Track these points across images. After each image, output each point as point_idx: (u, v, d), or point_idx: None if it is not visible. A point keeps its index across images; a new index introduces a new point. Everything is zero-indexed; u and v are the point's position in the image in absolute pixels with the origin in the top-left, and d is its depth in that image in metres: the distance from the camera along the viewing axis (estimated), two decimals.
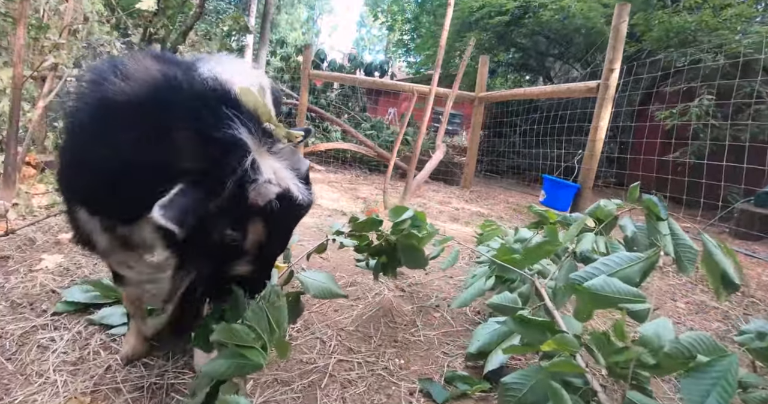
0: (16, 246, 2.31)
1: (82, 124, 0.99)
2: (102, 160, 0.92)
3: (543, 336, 1.10)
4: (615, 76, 4.48)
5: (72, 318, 1.55)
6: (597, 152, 4.59)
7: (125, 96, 0.92)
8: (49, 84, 3.66)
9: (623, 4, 4.47)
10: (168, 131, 0.87)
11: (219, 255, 0.95)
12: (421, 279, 2.19)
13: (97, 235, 1.05)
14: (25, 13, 3.02)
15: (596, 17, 7.91)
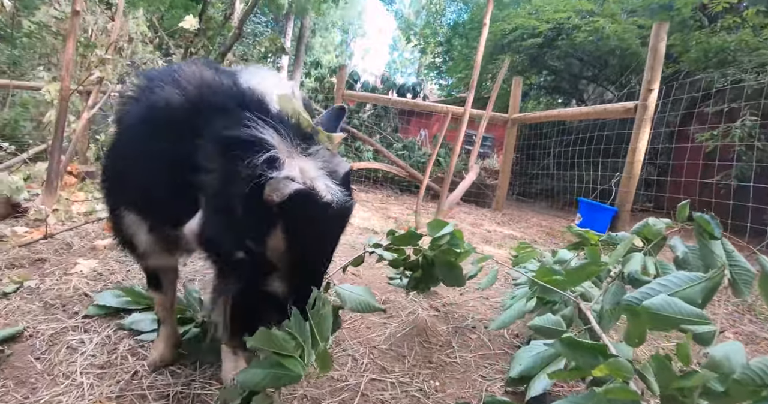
0: (54, 249, 2.35)
1: (134, 125, 1.03)
2: (149, 161, 0.96)
3: (594, 361, 1.00)
4: (654, 97, 4.35)
5: (102, 322, 1.54)
6: (635, 174, 4.44)
7: (174, 98, 0.95)
8: (93, 97, 3.81)
9: (661, 23, 4.38)
10: (198, 132, 0.87)
11: (248, 270, 0.88)
12: (456, 300, 2.10)
13: (141, 237, 1.08)
14: (75, 28, 3.16)
15: (631, 38, 7.78)
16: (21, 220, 2.87)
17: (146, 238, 1.09)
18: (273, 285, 0.90)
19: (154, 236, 1.08)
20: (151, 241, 1.10)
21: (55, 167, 3.07)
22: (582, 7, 8.46)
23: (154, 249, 1.12)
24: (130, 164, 1.04)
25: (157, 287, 1.32)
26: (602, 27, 7.81)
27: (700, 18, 7.42)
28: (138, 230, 1.09)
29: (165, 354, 1.30)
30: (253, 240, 0.83)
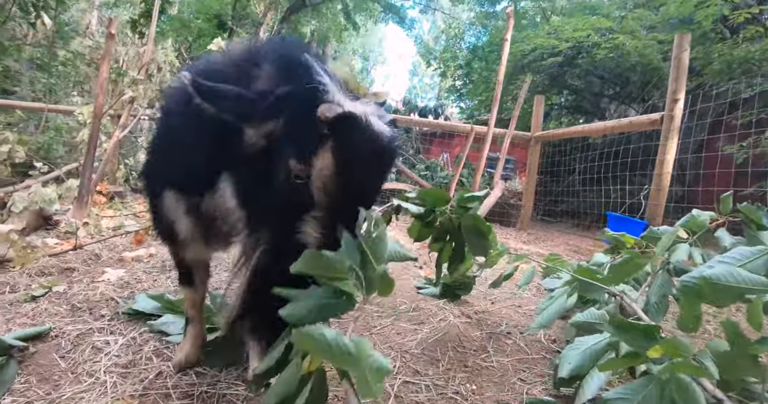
0: (82, 260, 2.37)
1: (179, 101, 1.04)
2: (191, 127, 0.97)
3: (647, 343, 0.94)
4: (680, 107, 4.25)
5: (128, 325, 1.52)
6: (664, 186, 4.31)
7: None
8: (125, 118, 3.93)
9: (683, 34, 4.32)
10: (258, 66, 0.91)
11: (288, 206, 0.83)
12: (488, 308, 2.02)
13: (180, 222, 1.11)
14: (110, 50, 3.29)
15: (652, 54, 7.70)
16: (52, 232, 2.92)
17: (185, 223, 1.12)
18: (306, 231, 0.84)
19: (192, 219, 1.11)
20: (190, 226, 1.12)
21: (86, 183, 3.14)
22: (601, 25, 8.45)
23: (193, 236, 1.14)
24: (175, 138, 1.08)
25: (189, 283, 1.31)
26: (622, 44, 7.77)
27: (722, 30, 7.33)
28: (178, 213, 1.11)
29: (191, 355, 1.26)
30: (301, 161, 0.80)
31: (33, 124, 8.30)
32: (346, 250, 0.80)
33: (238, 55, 1.00)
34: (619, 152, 6.77)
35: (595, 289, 1.50)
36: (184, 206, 1.10)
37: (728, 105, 6.25)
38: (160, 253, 2.61)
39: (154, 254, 2.59)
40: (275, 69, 0.88)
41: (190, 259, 1.28)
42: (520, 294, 2.28)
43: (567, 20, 9.38)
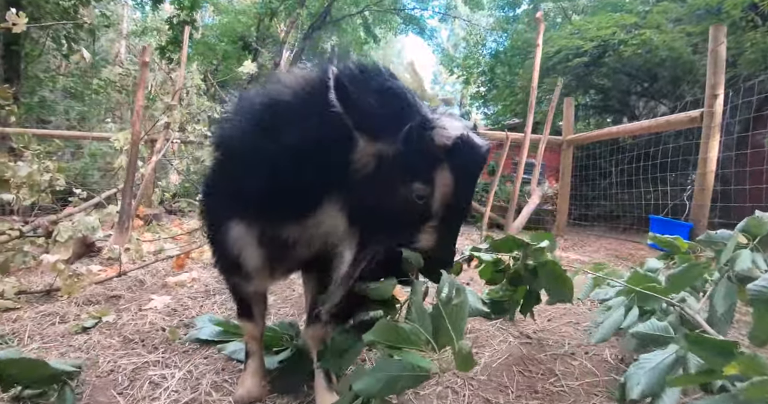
0: (127, 286, 2.37)
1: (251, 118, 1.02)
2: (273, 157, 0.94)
3: (723, 359, 0.87)
4: (719, 102, 4.06)
5: (183, 357, 1.48)
6: (708, 186, 4.09)
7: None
8: (160, 142, 3.99)
9: (718, 26, 4.13)
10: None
11: (405, 220, 0.89)
12: (546, 326, 1.92)
13: (250, 253, 1.06)
14: (145, 77, 3.35)
15: (682, 47, 7.46)
16: (95, 259, 2.96)
17: (255, 253, 1.06)
18: (421, 240, 0.91)
19: (263, 249, 1.05)
20: (261, 256, 1.07)
21: (127, 208, 3.18)
22: (626, 22, 8.25)
23: (261, 267, 1.09)
24: (248, 165, 1.00)
25: (249, 317, 1.27)
26: (650, 38, 7.56)
27: (753, 18, 7.03)
28: (246, 245, 1.06)
29: (252, 390, 1.21)
30: (424, 182, 0.87)
31: (69, 151, 8.59)
32: (419, 319, 0.77)
33: (309, 80, 0.96)
34: (651, 153, 6.55)
35: (653, 300, 1.45)
36: (257, 235, 1.04)
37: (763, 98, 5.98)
38: (203, 278, 2.61)
39: (196, 278, 2.59)
40: (378, 96, 0.88)
41: (251, 292, 1.24)
42: (575, 309, 2.17)
43: (590, 19, 9.20)
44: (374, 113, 0.84)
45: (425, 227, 0.91)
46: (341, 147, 0.87)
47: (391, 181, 0.88)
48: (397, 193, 0.88)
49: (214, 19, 13.91)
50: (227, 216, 1.08)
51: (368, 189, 0.88)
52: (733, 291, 1.37)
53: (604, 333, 1.37)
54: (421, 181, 0.87)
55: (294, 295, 2.29)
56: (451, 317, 0.79)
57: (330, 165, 0.89)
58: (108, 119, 9.90)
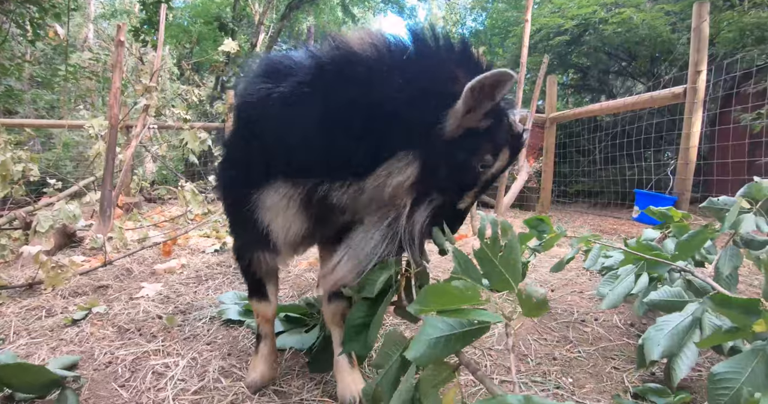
0: (114, 276, 2.28)
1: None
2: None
3: (749, 318, 0.89)
4: (702, 78, 4.11)
5: (184, 344, 1.42)
6: (692, 160, 4.17)
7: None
8: (140, 125, 3.82)
9: (702, 3, 4.16)
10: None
11: (462, 184, 0.99)
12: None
13: (286, 219, 1.01)
14: (121, 58, 3.18)
15: (662, 26, 7.51)
16: (77, 249, 2.83)
17: (293, 220, 1.01)
18: (465, 200, 1.02)
19: (304, 215, 1.01)
20: (298, 223, 1.02)
21: (108, 196, 3.05)
22: (606, 1, 8.25)
23: (295, 237, 1.04)
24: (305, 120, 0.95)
25: (263, 296, 1.21)
26: (629, 17, 7.57)
27: None
28: (282, 212, 1.01)
29: (266, 373, 1.16)
30: (494, 156, 0.98)
31: (39, 142, 8.24)
32: (464, 269, 0.70)
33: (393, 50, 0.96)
34: (627, 131, 6.68)
35: (662, 266, 1.47)
36: (301, 199, 0.99)
37: (740, 76, 6.09)
38: (193, 264, 2.52)
39: (186, 264, 2.50)
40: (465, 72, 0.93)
41: (269, 268, 1.18)
42: (576, 279, 2.17)
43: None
44: (484, 84, 0.88)
45: (470, 192, 1.01)
46: (436, 106, 0.90)
47: (471, 149, 0.95)
48: (470, 160, 0.96)
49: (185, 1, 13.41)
50: (260, 182, 1.01)
51: (448, 151, 0.93)
52: (737, 254, 1.41)
53: (614, 299, 1.38)
54: (492, 154, 0.98)
55: (290, 276, 2.23)
56: (503, 259, 0.74)
57: (416, 121, 0.90)
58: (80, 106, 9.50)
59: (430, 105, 0.89)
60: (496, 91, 0.88)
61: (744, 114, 5.55)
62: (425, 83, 0.91)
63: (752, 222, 1.43)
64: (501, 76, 0.86)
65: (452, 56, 0.96)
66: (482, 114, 0.91)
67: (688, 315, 1.12)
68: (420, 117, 0.90)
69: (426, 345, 0.66)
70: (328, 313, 1.16)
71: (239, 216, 1.11)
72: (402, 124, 0.90)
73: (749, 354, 0.88)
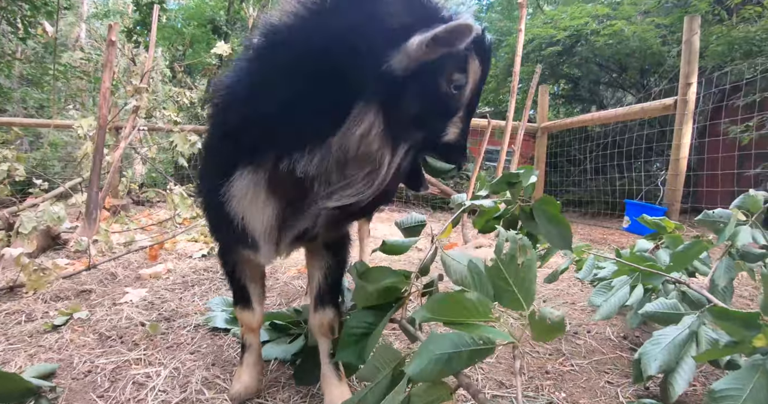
0: (98, 280, 2.23)
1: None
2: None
3: (749, 332, 0.87)
4: (693, 91, 4.16)
5: (167, 353, 1.38)
6: (682, 171, 4.21)
7: None
8: (129, 127, 3.77)
9: (693, 17, 4.23)
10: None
11: (440, 115, 0.93)
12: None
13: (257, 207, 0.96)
14: (112, 58, 3.14)
15: (652, 38, 7.62)
16: (61, 252, 2.77)
17: (263, 207, 0.96)
18: (450, 131, 0.96)
19: (273, 198, 0.96)
20: (268, 209, 0.97)
21: (94, 197, 2.99)
22: (598, 12, 8.36)
23: (269, 227, 0.99)
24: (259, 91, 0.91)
25: (247, 304, 1.18)
26: (621, 29, 7.67)
27: (719, 11, 7.26)
28: (252, 200, 0.96)
29: (250, 385, 1.13)
30: (461, 72, 0.91)
31: (27, 141, 8.13)
32: (477, 284, 0.67)
33: None
34: (618, 142, 6.77)
35: (657, 278, 1.46)
36: (266, 179, 0.94)
37: (729, 89, 6.20)
38: (179, 269, 2.47)
39: (172, 269, 2.45)
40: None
41: (253, 270, 1.16)
42: (567, 290, 2.16)
43: (563, 8, 9.28)
44: (422, 14, 0.86)
45: (455, 119, 0.95)
46: (380, 47, 0.84)
47: (432, 75, 0.88)
48: (437, 87, 0.89)
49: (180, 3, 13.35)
50: (229, 171, 0.97)
51: (408, 87, 0.87)
52: (733, 267, 1.41)
53: (609, 310, 1.36)
54: (459, 70, 0.91)
55: (278, 284, 2.20)
56: (517, 278, 0.71)
57: (357, 68, 0.84)
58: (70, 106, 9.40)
59: (372, 52, 0.84)
60: (457, 41, 0.82)
61: (732, 126, 5.65)
62: (358, 31, 0.85)
63: (749, 234, 1.44)
64: (458, 28, 0.81)
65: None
66: (438, 53, 0.85)
67: (685, 328, 1.11)
68: (360, 62, 0.84)
69: (428, 362, 0.63)
70: (315, 322, 1.13)
71: (216, 216, 1.07)
72: (343, 75, 0.84)
73: (749, 369, 0.86)
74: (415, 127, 0.90)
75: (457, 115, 0.96)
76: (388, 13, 0.86)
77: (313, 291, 1.16)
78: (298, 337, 1.37)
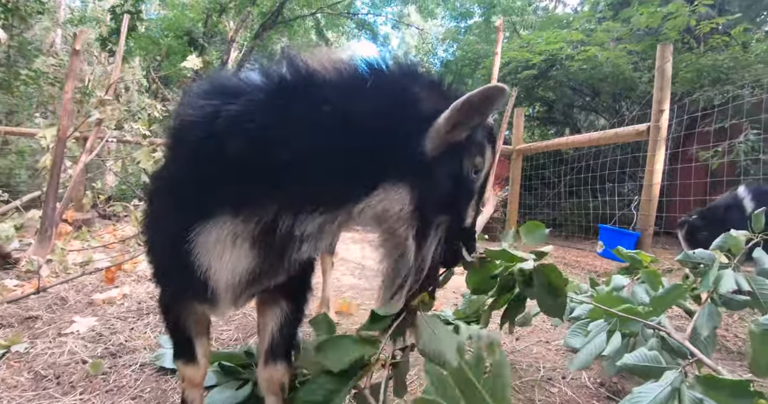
0: (47, 305, 2.08)
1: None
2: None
3: (738, 401, 0.86)
4: (665, 117, 4.25)
5: (106, 398, 1.26)
6: (654, 196, 4.28)
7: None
8: (91, 141, 3.62)
9: (665, 45, 4.35)
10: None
11: (462, 195, 0.94)
12: (516, 346, 1.84)
13: (233, 260, 0.86)
14: (75, 67, 3.02)
15: (624, 64, 7.86)
16: (11, 272, 2.60)
17: (241, 260, 0.86)
18: (469, 215, 0.98)
19: (255, 252, 0.86)
20: (246, 264, 0.87)
21: (50, 214, 2.84)
22: (572, 38, 8.60)
23: (239, 282, 0.89)
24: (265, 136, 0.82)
25: (191, 358, 1.06)
26: (594, 55, 7.90)
27: (688, 40, 7.57)
28: (227, 250, 0.85)
29: None
30: (482, 156, 0.95)
31: None
32: (440, 390, 0.60)
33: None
34: (591, 166, 6.93)
35: (635, 323, 1.39)
36: (247, 237, 0.85)
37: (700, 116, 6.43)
38: (136, 294, 2.34)
39: (128, 294, 2.32)
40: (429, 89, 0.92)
41: (197, 328, 1.05)
42: (541, 325, 2.11)
43: (539, 33, 9.52)
44: (473, 101, 0.85)
45: (472, 202, 0.97)
46: (412, 131, 0.86)
47: (460, 159, 0.91)
48: (463, 169, 0.92)
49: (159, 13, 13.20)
50: (201, 215, 0.85)
51: (438, 169, 0.88)
52: (716, 314, 1.35)
53: (585, 359, 1.29)
54: (480, 154, 0.95)
55: (238, 316, 2.08)
56: (487, 383, 0.63)
57: (394, 149, 0.84)
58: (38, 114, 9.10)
59: (407, 131, 0.85)
60: (487, 108, 0.85)
61: (702, 151, 5.83)
62: (396, 109, 0.85)
63: (732, 280, 1.38)
64: (490, 91, 0.83)
65: (418, 80, 0.92)
66: (469, 129, 0.88)
67: (667, 386, 1.03)
68: (398, 144, 0.84)
69: None
70: (264, 377, 1.04)
71: (171, 261, 0.94)
72: (378, 149, 0.83)
73: None
74: (440, 211, 0.91)
75: (473, 199, 0.98)
76: (420, 98, 0.88)
77: (264, 343, 1.06)
78: (247, 383, 1.27)
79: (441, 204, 0.90)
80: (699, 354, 1.15)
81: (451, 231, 0.94)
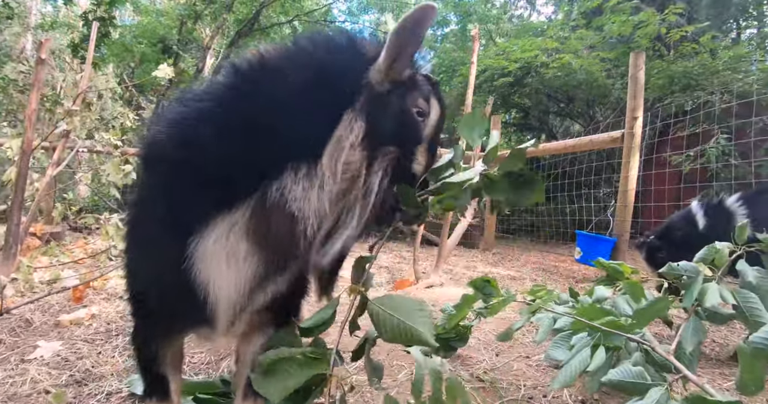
0: (10, 328, 1.98)
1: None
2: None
3: None
4: (639, 124, 4.33)
5: None
6: (630, 203, 4.35)
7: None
8: (59, 152, 3.50)
9: (638, 53, 4.44)
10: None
11: (408, 138, 0.97)
12: (496, 363, 1.81)
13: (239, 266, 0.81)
14: (40, 77, 2.91)
15: (598, 72, 8.04)
16: None
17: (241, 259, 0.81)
18: (418, 161, 1.01)
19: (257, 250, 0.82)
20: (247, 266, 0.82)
21: (15, 229, 2.72)
22: (547, 46, 8.76)
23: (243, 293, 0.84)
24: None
25: (164, 397, 1.00)
26: (569, 62, 8.06)
27: (659, 47, 7.79)
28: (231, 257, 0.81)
29: None
30: (425, 100, 1.00)
31: None
32: None
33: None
34: (568, 172, 7.09)
35: (619, 337, 1.38)
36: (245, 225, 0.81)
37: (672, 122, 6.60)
38: (105, 313, 2.25)
39: (96, 314, 2.22)
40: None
41: (172, 358, 0.99)
42: (522, 339, 2.10)
43: (514, 41, 9.68)
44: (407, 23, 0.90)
45: (419, 149, 1.00)
46: (361, 67, 0.93)
47: (401, 96, 0.95)
48: (405, 105, 0.96)
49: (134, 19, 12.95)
50: (197, 222, 0.80)
51: (383, 101, 0.93)
52: (701, 328, 1.35)
53: (568, 377, 1.26)
54: (424, 99, 1.00)
55: None
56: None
57: (351, 78, 0.91)
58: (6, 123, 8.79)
59: (356, 68, 0.92)
60: (421, 28, 0.91)
61: (674, 156, 5.99)
62: (344, 55, 0.95)
63: (717, 293, 1.37)
64: (423, 11, 0.87)
65: (362, 39, 1.01)
66: (406, 62, 0.94)
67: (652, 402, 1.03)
68: (348, 75, 0.91)
69: None
70: None
71: (162, 284, 0.87)
72: (333, 85, 0.89)
73: None
74: (387, 141, 0.93)
75: (422, 145, 1.01)
76: (363, 44, 0.98)
77: (242, 376, 1.00)
78: None
79: (388, 135, 0.92)
80: (685, 371, 1.13)
81: (398, 170, 0.94)
